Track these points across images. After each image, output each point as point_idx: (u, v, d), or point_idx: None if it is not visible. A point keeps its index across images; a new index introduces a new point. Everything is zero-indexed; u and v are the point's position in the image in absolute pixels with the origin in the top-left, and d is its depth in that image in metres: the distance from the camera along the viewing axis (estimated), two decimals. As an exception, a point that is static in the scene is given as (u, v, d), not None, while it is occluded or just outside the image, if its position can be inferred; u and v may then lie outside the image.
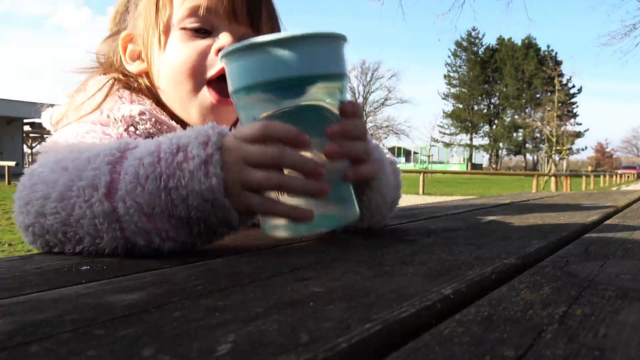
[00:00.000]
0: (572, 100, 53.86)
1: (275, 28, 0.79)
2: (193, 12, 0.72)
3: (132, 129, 0.71)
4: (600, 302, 0.34)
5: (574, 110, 53.37)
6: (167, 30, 0.74)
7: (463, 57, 59.90)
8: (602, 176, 27.28)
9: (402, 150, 55.87)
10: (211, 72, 0.72)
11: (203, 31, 0.73)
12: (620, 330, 0.29)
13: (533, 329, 0.28)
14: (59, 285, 0.37)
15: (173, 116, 0.77)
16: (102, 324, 0.28)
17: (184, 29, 0.73)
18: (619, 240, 0.66)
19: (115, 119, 0.70)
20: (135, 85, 0.77)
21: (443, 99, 60.28)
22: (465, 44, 59.20)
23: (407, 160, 55.65)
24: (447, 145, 57.85)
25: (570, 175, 18.56)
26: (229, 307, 0.31)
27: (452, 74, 60.23)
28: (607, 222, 0.93)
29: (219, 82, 0.72)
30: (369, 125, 52.11)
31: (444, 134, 58.97)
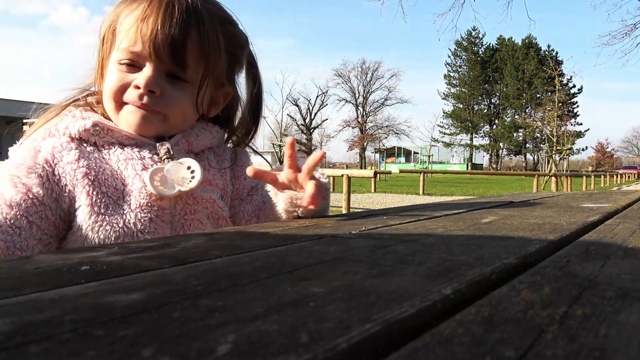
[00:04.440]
0: (573, 100, 53.88)
1: (212, 56, 0.91)
2: (125, 52, 0.87)
3: (84, 144, 0.87)
4: (600, 302, 0.34)
5: (575, 110, 53.40)
6: (107, 62, 0.91)
7: (463, 56, 59.94)
8: (602, 176, 27.29)
9: (402, 150, 55.86)
10: (126, 100, 0.88)
11: (137, 65, 0.88)
12: (621, 330, 0.28)
13: (533, 329, 0.28)
14: (59, 285, 0.37)
15: None
16: (102, 324, 0.28)
17: (119, 63, 0.88)
18: (620, 240, 0.66)
19: (56, 129, 0.87)
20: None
21: (443, 99, 60.31)
22: (465, 43, 59.21)
23: (407, 160, 55.63)
24: (448, 145, 57.87)
25: (570, 175, 18.56)
26: (228, 307, 0.31)
27: (452, 74, 60.26)
28: (608, 222, 0.93)
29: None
30: (369, 125, 52.13)
31: (444, 134, 59.01)
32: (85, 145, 0.88)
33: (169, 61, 0.86)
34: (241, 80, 1.04)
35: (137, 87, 0.86)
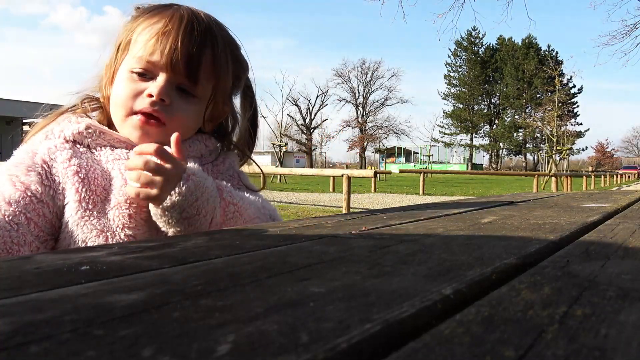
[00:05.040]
0: (573, 100, 53.90)
1: (222, 75, 0.96)
2: (141, 61, 0.90)
3: (78, 146, 0.90)
4: (600, 302, 0.34)
5: (575, 110, 53.42)
6: (119, 69, 0.94)
7: (463, 56, 59.95)
8: (602, 176, 27.30)
9: (402, 150, 55.85)
10: (137, 108, 0.90)
11: (149, 75, 0.91)
12: (621, 330, 0.28)
13: (533, 329, 0.28)
14: (59, 285, 0.37)
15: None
16: (102, 324, 0.28)
17: (131, 71, 0.91)
18: (620, 240, 0.66)
19: (52, 133, 0.91)
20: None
21: (443, 99, 60.33)
22: (465, 43, 59.21)
23: (407, 160, 55.62)
24: (448, 145, 57.87)
25: (570, 175, 18.57)
26: (228, 307, 0.31)
27: (452, 74, 60.28)
28: (608, 222, 0.93)
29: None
30: (369, 125, 52.11)
31: (444, 134, 59.04)
32: (79, 146, 0.91)
33: (183, 75, 0.91)
34: (236, 101, 1.10)
35: (150, 95, 0.90)
